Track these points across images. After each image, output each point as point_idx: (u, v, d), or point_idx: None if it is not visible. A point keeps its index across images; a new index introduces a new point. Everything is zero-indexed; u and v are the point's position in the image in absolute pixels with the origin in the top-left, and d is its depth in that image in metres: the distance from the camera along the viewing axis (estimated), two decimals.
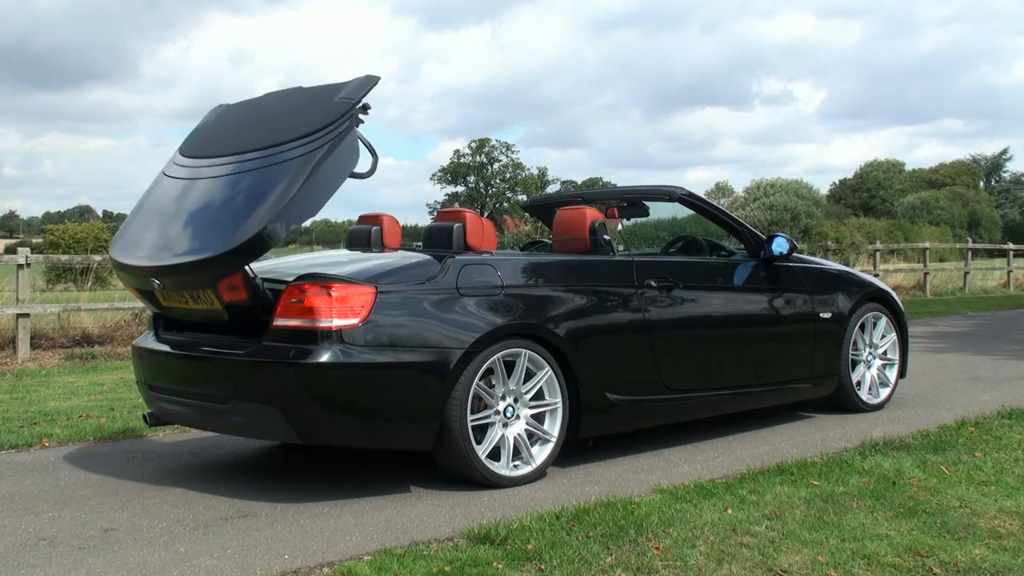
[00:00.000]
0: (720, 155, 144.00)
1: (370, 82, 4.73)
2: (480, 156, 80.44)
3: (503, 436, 4.71)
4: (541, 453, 4.81)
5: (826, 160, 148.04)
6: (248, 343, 4.55)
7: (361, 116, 4.63)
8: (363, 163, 4.73)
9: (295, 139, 4.55)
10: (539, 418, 4.85)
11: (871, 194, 69.54)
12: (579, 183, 76.94)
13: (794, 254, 6.13)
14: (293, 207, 4.32)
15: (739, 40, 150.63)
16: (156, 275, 4.63)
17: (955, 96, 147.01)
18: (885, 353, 6.69)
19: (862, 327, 6.52)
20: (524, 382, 4.78)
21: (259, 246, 4.31)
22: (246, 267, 4.46)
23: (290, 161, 4.46)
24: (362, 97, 4.64)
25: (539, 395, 4.83)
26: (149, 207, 5.02)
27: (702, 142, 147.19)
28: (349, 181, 4.66)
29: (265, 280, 4.65)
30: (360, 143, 4.64)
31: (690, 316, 5.55)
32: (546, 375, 4.81)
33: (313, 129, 4.54)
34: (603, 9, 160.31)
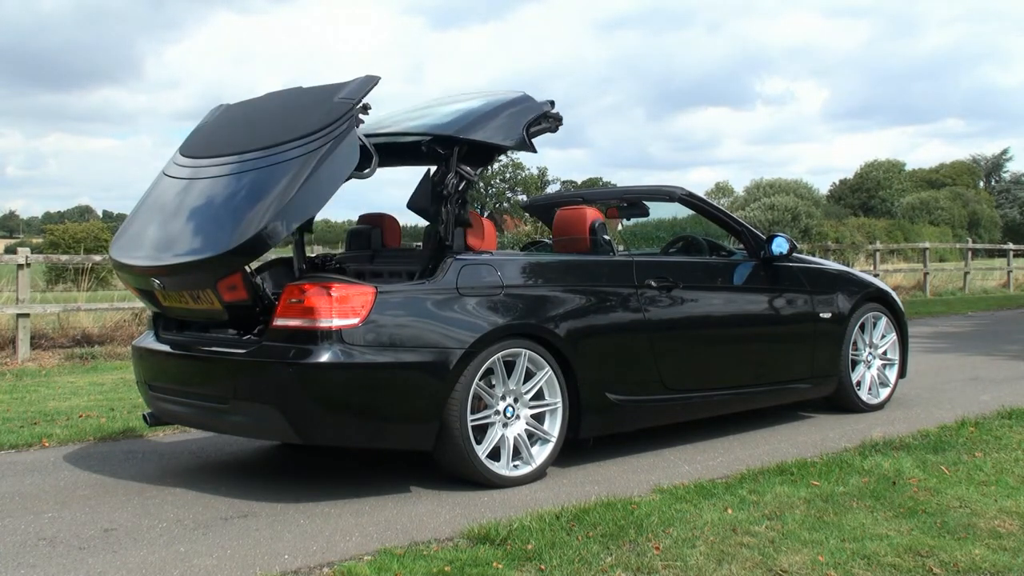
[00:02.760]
0: (722, 155, 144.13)
1: (370, 82, 4.73)
2: None
3: (503, 436, 4.71)
4: (541, 453, 4.81)
5: (828, 160, 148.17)
6: (248, 343, 4.55)
7: (361, 116, 4.63)
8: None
9: (295, 139, 4.56)
10: (539, 418, 4.85)
11: (871, 194, 69.47)
12: (579, 183, 76.86)
13: (794, 254, 6.12)
14: (293, 206, 4.33)
15: (743, 40, 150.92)
16: (156, 275, 4.64)
17: (957, 96, 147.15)
18: (885, 353, 6.69)
19: (862, 327, 6.52)
20: (524, 382, 4.78)
21: (259, 246, 4.31)
22: (246, 267, 4.47)
23: (290, 161, 4.46)
24: (362, 97, 4.64)
25: (539, 395, 4.83)
26: (149, 207, 5.03)
27: (704, 142, 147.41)
28: (350, 180, 4.67)
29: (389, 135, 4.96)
30: (360, 143, 4.64)
31: (690, 316, 5.55)
32: (546, 375, 4.80)
33: (313, 129, 4.54)
34: (608, 9, 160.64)
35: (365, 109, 4.64)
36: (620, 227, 7.38)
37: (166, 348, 4.98)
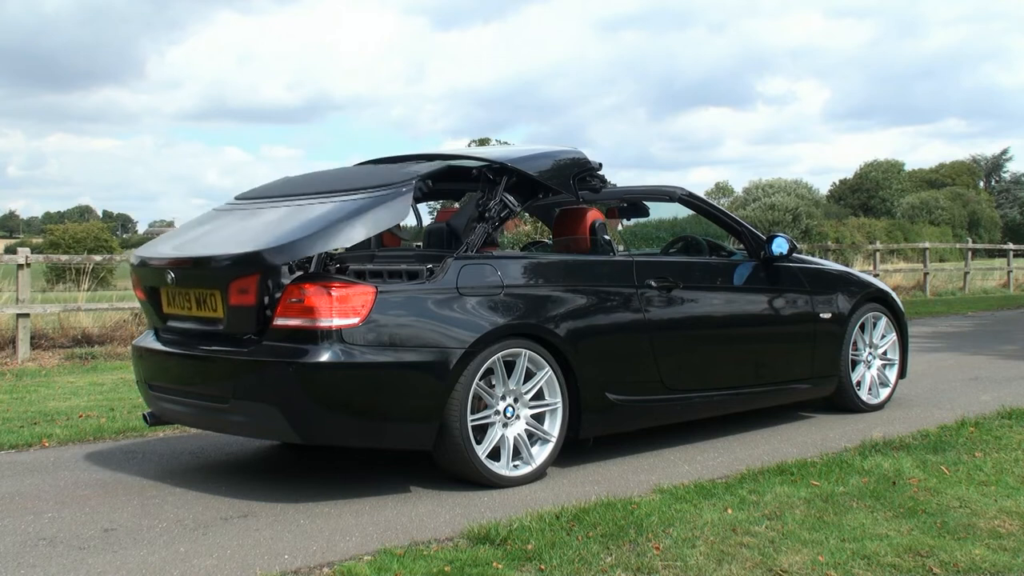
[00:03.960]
0: (724, 155, 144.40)
1: (443, 165, 5.08)
2: None
3: (503, 436, 4.71)
4: (541, 453, 4.81)
5: (829, 160, 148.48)
6: (248, 343, 4.55)
7: (421, 186, 4.86)
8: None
9: (352, 189, 4.82)
10: (539, 418, 4.85)
11: (870, 194, 69.53)
12: None
13: (794, 254, 6.12)
14: (328, 233, 4.44)
15: (746, 40, 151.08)
16: (174, 267, 4.80)
17: (959, 96, 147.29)
18: (885, 353, 6.69)
19: (862, 327, 6.52)
20: (524, 382, 4.78)
21: (283, 257, 4.40)
22: (263, 272, 4.46)
23: (342, 203, 4.68)
24: (428, 175, 4.91)
25: (539, 395, 4.83)
26: (188, 226, 5.41)
27: (706, 142, 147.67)
28: None
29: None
30: (413, 209, 4.83)
31: (690, 316, 5.55)
32: (546, 375, 4.80)
33: (373, 184, 4.81)
34: (611, 9, 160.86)
35: (426, 182, 4.89)
36: (620, 227, 7.37)
37: (166, 348, 4.98)
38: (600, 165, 5.52)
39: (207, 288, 4.63)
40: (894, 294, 6.92)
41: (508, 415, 4.73)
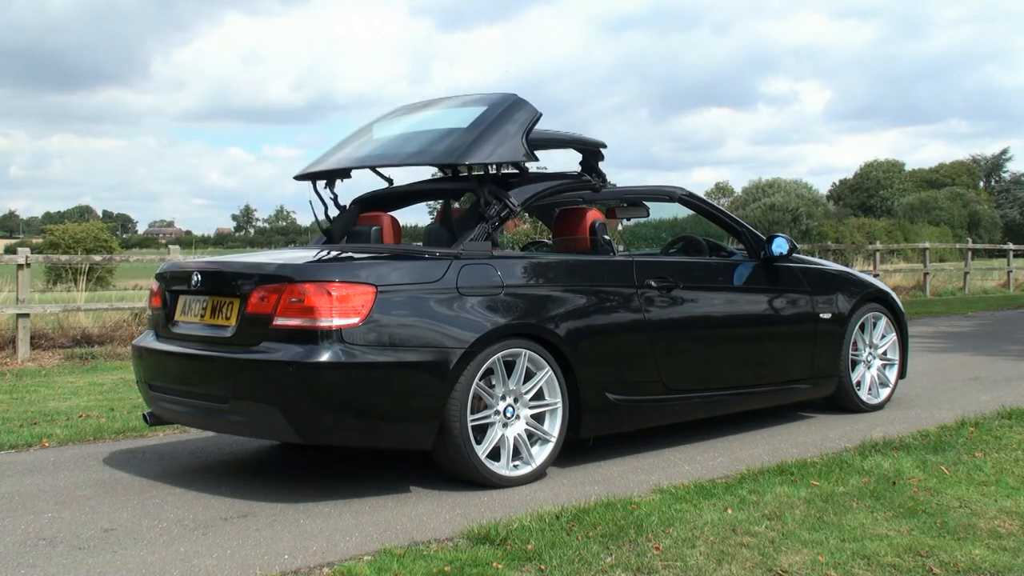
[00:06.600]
0: (726, 155, 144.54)
1: None
2: None
3: (503, 436, 4.70)
4: (541, 453, 4.81)
5: (831, 160, 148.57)
6: (248, 342, 4.55)
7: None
8: None
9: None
10: (539, 418, 4.85)
11: (870, 194, 69.57)
12: None
13: (794, 254, 6.12)
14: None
15: (749, 41, 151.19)
16: (205, 270, 4.86)
17: (961, 97, 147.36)
18: (885, 353, 6.69)
19: (862, 327, 6.52)
20: (524, 382, 4.77)
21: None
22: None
23: None
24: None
25: (539, 395, 4.83)
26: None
27: (708, 142, 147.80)
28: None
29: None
30: None
31: (690, 316, 5.55)
32: (546, 375, 4.80)
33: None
34: (616, 10, 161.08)
35: None
36: (620, 227, 7.37)
37: (166, 347, 4.98)
38: (540, 115, 5.23)
39: (230, 296, 4.66)
40: (894, 294, 6.92)
41: (508, 415, 4.73)
